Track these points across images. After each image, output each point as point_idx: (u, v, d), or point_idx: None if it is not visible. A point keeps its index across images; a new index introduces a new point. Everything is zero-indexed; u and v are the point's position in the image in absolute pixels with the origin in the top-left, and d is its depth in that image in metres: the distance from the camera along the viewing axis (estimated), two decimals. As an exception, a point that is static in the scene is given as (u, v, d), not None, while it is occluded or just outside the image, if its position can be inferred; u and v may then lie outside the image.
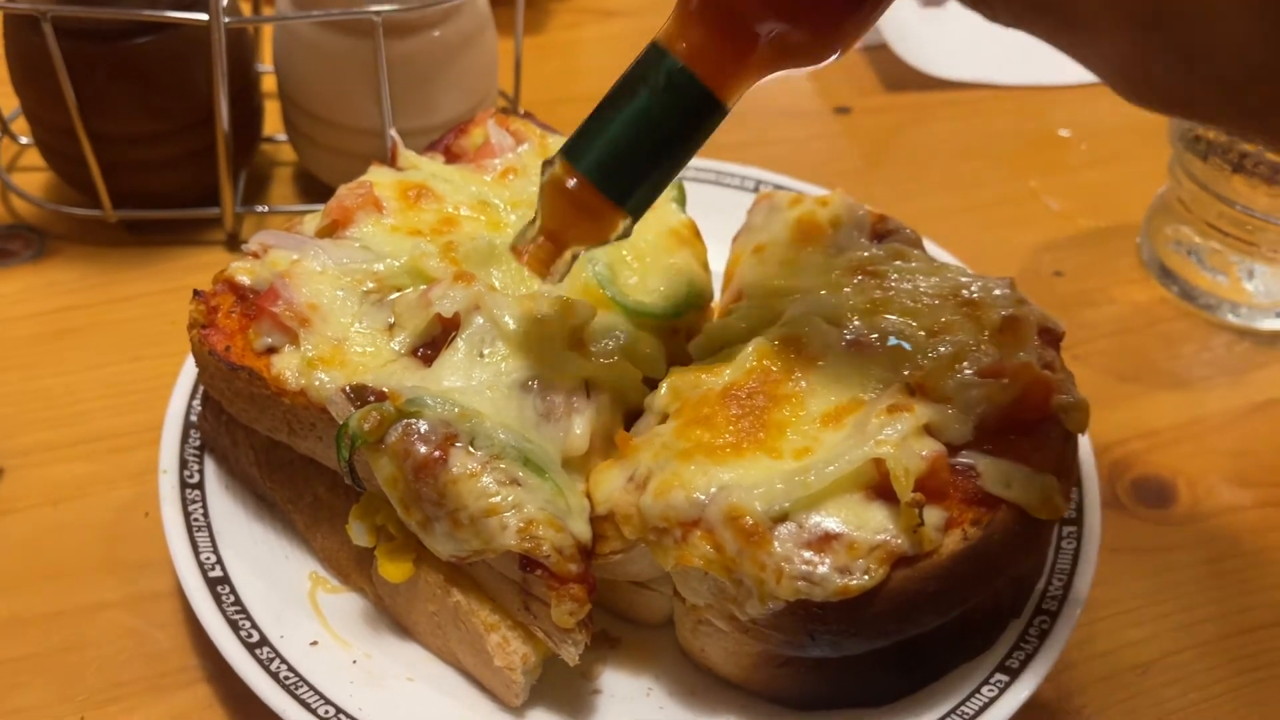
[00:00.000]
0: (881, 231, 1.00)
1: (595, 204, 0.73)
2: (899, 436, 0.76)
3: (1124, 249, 1.35)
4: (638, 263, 0.98)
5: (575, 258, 0.77)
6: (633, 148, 0.72)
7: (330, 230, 0.92)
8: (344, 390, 0.80)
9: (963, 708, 0.81)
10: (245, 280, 0.88)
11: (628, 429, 0.88)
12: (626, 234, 0.76)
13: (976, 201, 1.43)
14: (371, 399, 0.80)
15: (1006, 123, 1.56)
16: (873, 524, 0.75)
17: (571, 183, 0.73)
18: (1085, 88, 1.62)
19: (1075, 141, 1.53)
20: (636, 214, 0.75)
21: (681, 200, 1.06)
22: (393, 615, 0.87)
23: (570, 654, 0.79)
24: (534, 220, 0.76)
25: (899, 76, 1.61)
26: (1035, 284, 1.30)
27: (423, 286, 0.86)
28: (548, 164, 0.75)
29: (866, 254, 0.95)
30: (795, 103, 1.58)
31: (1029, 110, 1.58)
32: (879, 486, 0.76)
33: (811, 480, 0.75)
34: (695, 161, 1.29)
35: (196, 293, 0.88)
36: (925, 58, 1.61)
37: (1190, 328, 1.26)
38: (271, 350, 0.85)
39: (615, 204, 0.74)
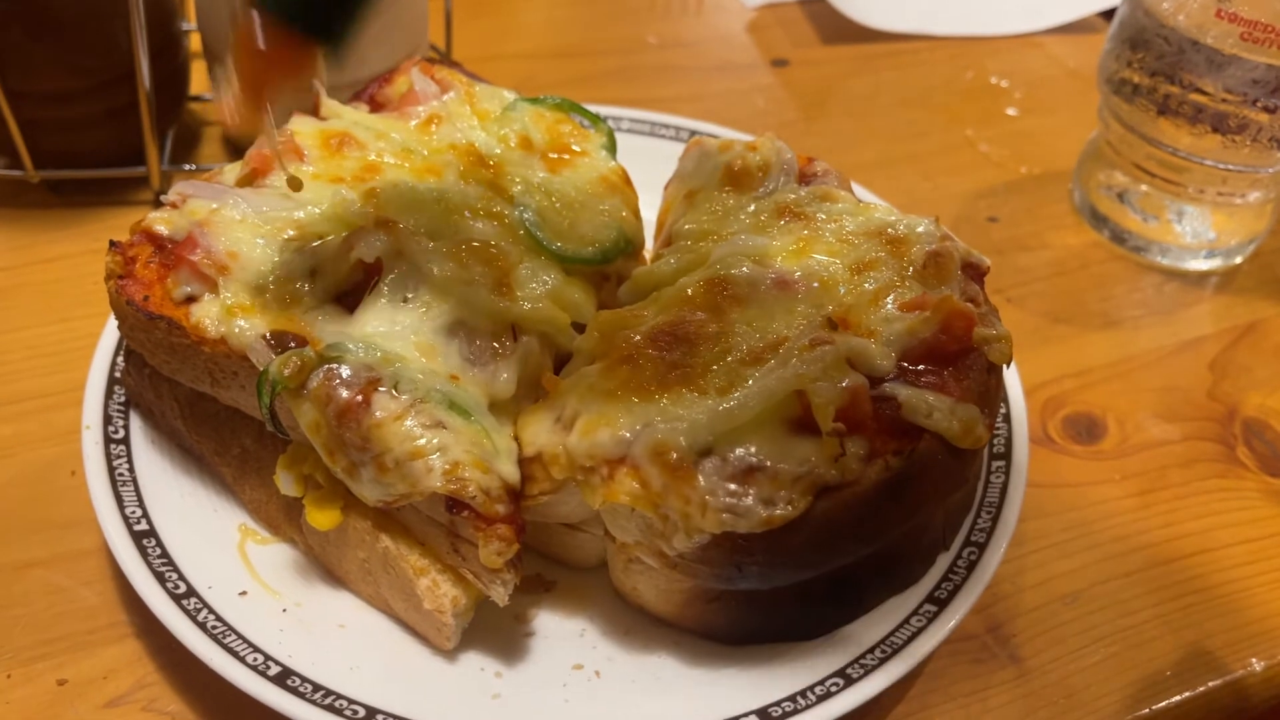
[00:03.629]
0: (809, 175, 1.00)
1: (284, 39, 0.69)
2: (820, 368, 0.76)
3: (1057, 195, 1.37)
4: (568, 210, 0.98)
5: (276, 100, 0.73)
6: None
7: (250, 179, 0.90)
8: (264, 337, 0.80)
9: (892, 638, 0.82)
10: (163, 230, 0.86)
11: (558, 374, 0.88)
12: (334, 62, 0.71)
13: (914, 151, 1.44)
14: (292, 345, 0.79)
15: (943, 73, 1.57)
16: (795, 455, 0.75)
17: (256, 21, 0.69)
18: (1020, 38, 1.64)
19: (1010, 91, 1.54)
20: (332, 40, 0.70)
21: (612, 148, 1.06)
22: (323, 564, 0.87)
23: (500, 594, 0.79)
24: (230, 75, 0.73)
25: (836, 29, 1.61)
26: (971, 230, 1.31)
27: (344, 233, 0.85)
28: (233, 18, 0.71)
29: (793, 196, 0.95)
30: (732, 56, 1.58)
31: (965, 61, 1.59)
32: (801, 419, 0.77)
33: (735, 414, 0.76)
34: (630, 113, 1.30)
35: (113, 243, 0.87)
36: (862, 10, 1.61)
37: (1121, 270, 1.27)
38: (191, 299, 0.84)
39: (305, 33, 0.69)
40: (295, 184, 0.76)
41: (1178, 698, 0.88)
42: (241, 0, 0.68)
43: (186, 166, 1.26)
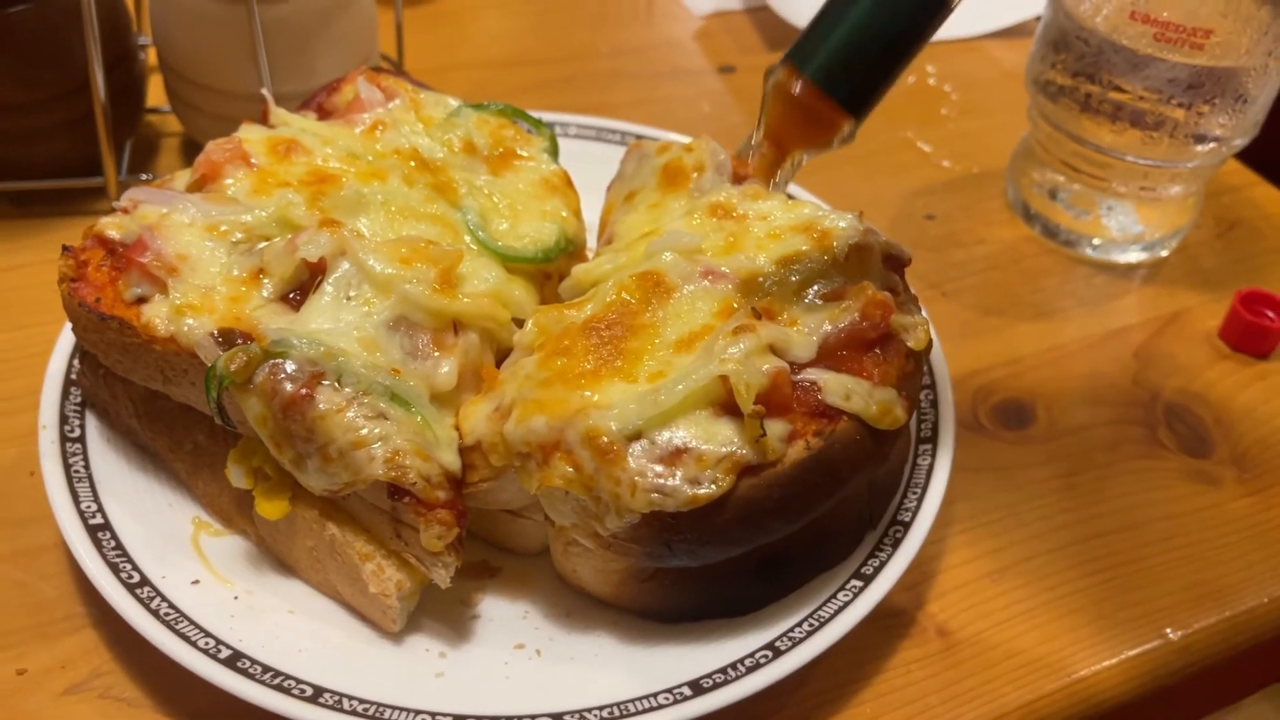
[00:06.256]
0: (742, 174, 1.04)
1: (820, 108, 0.77)
2: (742, 355, 0.80)
3: (992, 192, 1.41)
4: (510, 210, 1.02)
5: (798, 165, 0.79)
6: (859, 49, 0.75)
7: (200, 185, 0.94)
8: (212, 334, 0.83)
9: (819, 612, 0.86)
10: (114, 234, 0.89)
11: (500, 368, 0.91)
12: (850, 138, 0.78)
13: (855, 153, 1.45)
14: (240, 342, 0.83)
15: (884, 77, 1.61)
16: (720, 437, 0.79)
17: (797, 87, 0.76)
18: (960, 42, 1.69)
19: (949, 93, 1.59)
20: (861, 116, 0.78)
21: (554, 152, 1.10)
22: (274, 553, 0.90)
23: (442, 577, 0.82)
24: (758, 126, 0.79)
25: (781, 36, 1.66)
26: (908, 227, 1.36)
27: (289, 235, 0.89)
28: (771, 71, 0.77)
29: (726, 195, 0.99)
30: (680, 63, 1.63)
31: (906, 65, 1.64)
32: (726, 403, 0.81)
33: (662, 399, 0.80)
34: (577, 119, 1.34)
35: (66, 248, 0.90)
36: (806, 17, 1.65)
37: (1053, 263, 1.32)
38: (141, 300, 0.87)
39: (840, 107, 0.77)
40: None
41: (1096, 666, 0.92)
42: (785, 67, 0.76)
43: (144, 176, 1.29)
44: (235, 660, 0.79)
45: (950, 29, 1.69)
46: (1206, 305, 1.27)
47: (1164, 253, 1.33)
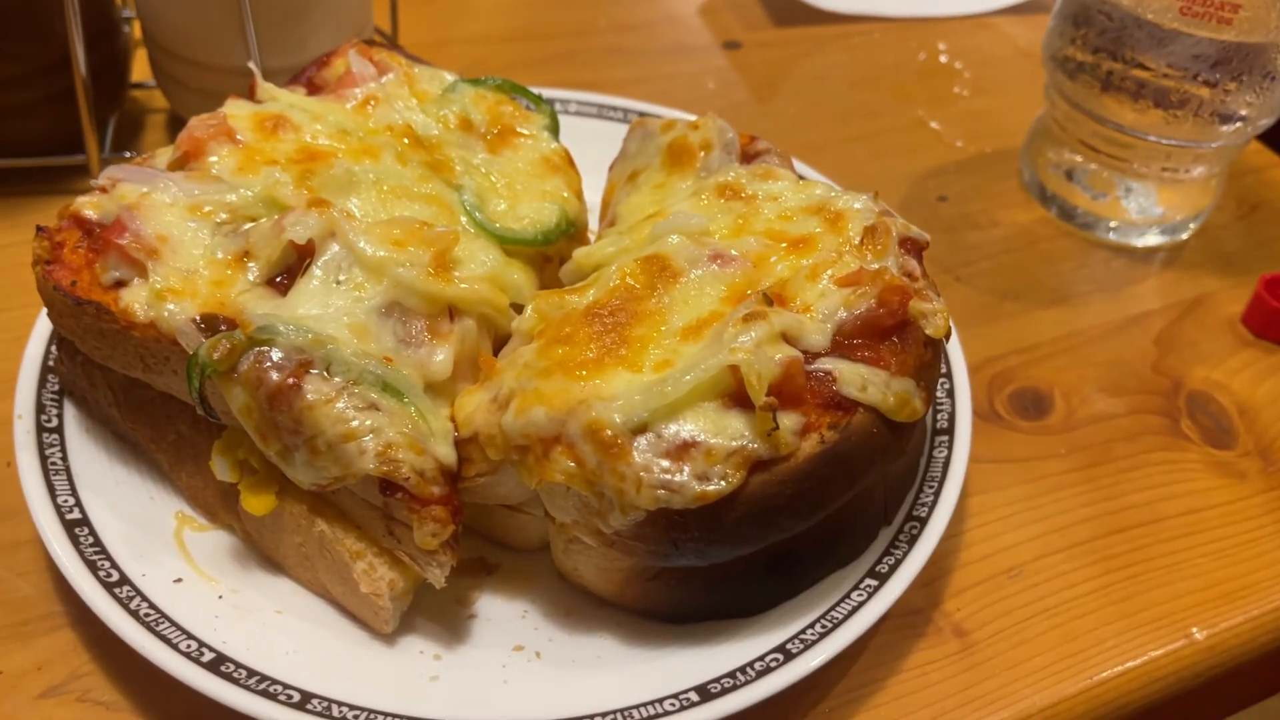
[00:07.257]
0: (751, 153, 1.00)
1: None
2: (753, 343, 0.76)
3: (1006, 173, 1.37)
4: (508, 191, 0.98)
5: None
6: None
7: (182, 163, 0.89)
8: (194, 320, 0.79)
9: (832, 613, 0.82)
10: (91, 214, 0.85)
11: (499, 356, 0.87)
12: None
13: (865, 131, 1.44)
14: (223, 328, 0.78)
15: (894, 54, 1.57)
16: (730, 431, 0.75)
17: None
18: (971, 19, 1.64)
19: (961, 71, 1.54)
20: None
21: (554, 129, 1.05)
22: (261, 550, 0.86)
23: (436, 576, 0.79)
24: None
25: (788, 11, 1.61)
26: (921, 209, 1.32)
27: (276, 215, 0.84)
28: None
29: (734, 175, 0.95)
30: (685, 39, 1.58)
31: (916, 42, 1.59)
32: (736, 394, 0.76)
33: (668, 390, 0.76)
34: (578, 95, 1.30)
35: (40, 228, 0.85)
36: (814, -8, 1.61)
37: (1070, 246, 1.28)
38: (120, 284, 0.83)
39: None
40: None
41: (1120, 668, 0.88)
42: None
43: (128, 154, 1.25)
44: (219, 664, 0.76)
45: (959, 5, 1.65)
46: (1229, 290, 1.23)
47: (1184, 236, 1.28)
